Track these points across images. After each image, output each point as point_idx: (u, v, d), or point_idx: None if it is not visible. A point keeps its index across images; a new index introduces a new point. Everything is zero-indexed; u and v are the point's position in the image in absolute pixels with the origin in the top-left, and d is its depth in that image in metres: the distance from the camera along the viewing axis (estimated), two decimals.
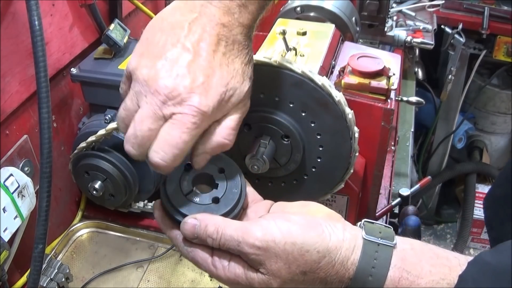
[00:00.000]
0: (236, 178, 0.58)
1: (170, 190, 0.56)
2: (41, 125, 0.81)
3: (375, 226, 0.55)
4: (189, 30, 0.55)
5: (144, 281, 1.07)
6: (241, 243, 0.52)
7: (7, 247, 0.85)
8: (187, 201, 0.56)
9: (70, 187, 1.17)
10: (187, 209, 0.55)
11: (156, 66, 0.53)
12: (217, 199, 0.56)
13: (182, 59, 0.54)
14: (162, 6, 1.49)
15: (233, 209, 0.56)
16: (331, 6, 1.06)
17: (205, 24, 0.55)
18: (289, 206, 0.60)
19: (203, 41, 0.54)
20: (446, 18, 1.98)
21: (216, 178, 0.58)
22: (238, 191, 0.57)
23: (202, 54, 0.54)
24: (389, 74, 0.84)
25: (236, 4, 0.57)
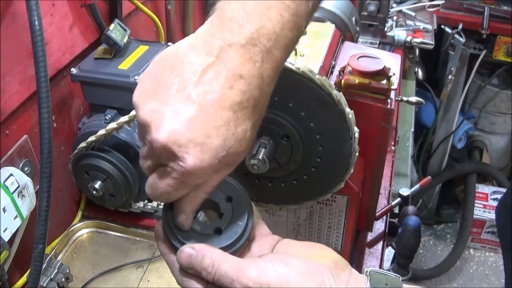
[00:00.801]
0: (243, 209, 0.54)
1: (171, 215, 0.53)
2: (41, 125, 0.81)
3: (382, 276, 0.52)
4: (201, 77, 0.48)
5: (144, 281, 1.07)
6: (234, 281, 0.48)
7: (7, 247, 0.85)
8: (188, 230, 0.53)
9: (70, 187, 1.17)
10: (186, 237, 0.52)
11: (157, 109, 0.48)
12: (220, 230, 0.53)
13: (184, 110, 0.47)
14: (162, 6, 1.49)
15: (234, 243, 0.53)
16: (331, 6, 1.06)
17: (220, 73, 0.48)
18: (294, 246, 0.55)
19: (212, 93, 0.47)
20: (446, 18, 1.98)
21: (222, 206, 0.55)
22: (243, 224, 0.53)
23: (208, 109, 0.47)
24: (389, 74, 0.84)
25: (260, 50, 0.49)
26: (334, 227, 0.96)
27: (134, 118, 0.93)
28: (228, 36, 0.48)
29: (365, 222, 1.04)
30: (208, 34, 0.50)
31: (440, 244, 2.55)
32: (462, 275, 2.33)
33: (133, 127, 1.05)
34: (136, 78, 1.02)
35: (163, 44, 1.15)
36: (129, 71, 1.04)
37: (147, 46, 1.13)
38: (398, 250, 1.09)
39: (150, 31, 1.44)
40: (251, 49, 0.49)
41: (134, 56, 1.09)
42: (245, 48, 0.48)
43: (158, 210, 1.13)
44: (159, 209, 1.11)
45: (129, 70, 1.04)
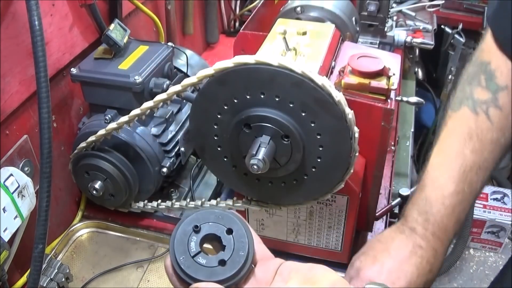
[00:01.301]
0: (243, 239, 0.58)
1: (178, 251, 0.57)
2: (41, 125, 0.81)
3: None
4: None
5: (144, 281, 1.07)
6: None
7: (7, 247, 0.85)
8: (194, 262, 0.56)
9: (70, 187, 1.17)
10: (193, 271, 0.56)
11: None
12: (224, 261, 0.57)
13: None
14: (162, 6, 1.49)
15: (238, 272, 0.56)
16: (331, 6, 1.06)
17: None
18: (296, 269, 0.58)
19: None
20: (446, 18, 1.98)
21: (223, 239, 0.58)
22: (245, 253, 0.57)
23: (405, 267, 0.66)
24: (389, 74, 0.84)
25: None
26: (334, 227, 0.96)
27: (134, 118, 0.93)
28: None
29: (365, 222, 1.04)
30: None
31: None
32: (462, 275, 2.33)
33: (133, 127, 1.05)
34: (136, 78, 1.02)
35: (163, 44, 1.15)
36: (129, 71, 1.04)
37: (147, 46, 1.13)
38: None
39: (150, 31, 1.44)
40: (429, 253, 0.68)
41: (134, 56, 1.09)
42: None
43: (158, 210, 1.13)
44: (159, 209, 1.11)
45: (129, 70, 1.04)
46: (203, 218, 0.59)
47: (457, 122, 0.72)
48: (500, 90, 0.70)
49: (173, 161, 1.12)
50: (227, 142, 0.81)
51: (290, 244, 1.02)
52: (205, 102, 0.79)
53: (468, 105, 0.71)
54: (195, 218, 0.59)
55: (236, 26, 2.02)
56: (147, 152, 1.07)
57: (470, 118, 0.70)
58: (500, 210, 2.32)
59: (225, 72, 0.75)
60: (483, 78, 0.71)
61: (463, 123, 0.71)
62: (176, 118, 1.16)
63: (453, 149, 0.70)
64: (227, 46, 1.90)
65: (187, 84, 0.81)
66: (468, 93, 0.72)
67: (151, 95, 1.04)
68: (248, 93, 0.75)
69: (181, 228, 0.58)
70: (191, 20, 1.68)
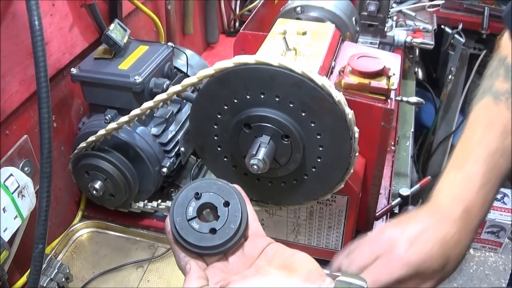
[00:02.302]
0: (237, 214, 0.62)
1: (176, 212, 0.62)
2: (41, 125, 0.81)
3: (347, 284, 0.58)
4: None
5: (144, 281, 1.07)
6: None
7: (7, 247, 0.85)
8: (188, 226, 0.61)
9: (70, 187, 1.17)
10: (185, 233, 0.60)
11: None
12: (215, 230, 0.61)
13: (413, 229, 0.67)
14: (162, 6, 1.49)
15: (226, 243, 0.60)
16: (331, 6, 1.06)
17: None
18: (279, 252, 0.62)
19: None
20: (446, 18, 1.98)
21: (219, 210, 0.62)
22: (235, 227, 0.61)
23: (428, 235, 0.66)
24: (389, 74, 0.84)
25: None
26: (334, 227, 0.96)
27: (134, 118, 0.93)
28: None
29: (365, 222, 1.04)
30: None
31: None
32: (462, 275, 2.33)
33: (133, 127, 1.05)
34: (136, 78, 1.02)
35: (163, 44, 1.15)
36: (129, 71, 1.04)
37: (147, 46, 1.13)
38: None
39: (150, 31, 1.44)
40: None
41: (134, 56, 1.09)
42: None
43: (158, 210, 1.13)
44: (159, 209, 1.11)
45: (129, 70, 1.04)
46: (206, 187, 0.63)
47: (479, 112, 0.73)
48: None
49: (173, 161, 1.12)
50: (227, 142, 0.81)
51: (290, 244, 1.02)
52: (205, 102, 0.79)
53: (489, 96, 0.73)
54: (198, 186, 0.63)
55: (236, 26, 2.02)
56: (147, 152, 1.07)
57: (491, 107, 0.72)
58: (500, 210, 2.32)
59: (225, 72, 0.75)
60: (502, 70, 0.75)
61: (484, 113, 0.73)
62: (176, 118, 1.16)
63: (476, 136, 0.71)
64: (227, 46, 1.90)
65: (187, 84, 0.81)
66: (489, 85, 0.74)
67: (151, 95, 1.04)
68: (248, 93, 0.75)
69: (184, 192, 0.63)
70: (191, 20, 1.68)
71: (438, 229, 0.66)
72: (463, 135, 0.73)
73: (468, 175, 0.69)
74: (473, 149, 0.70)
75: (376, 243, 0.66)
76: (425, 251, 0.64)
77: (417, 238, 0.65)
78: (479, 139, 0.70)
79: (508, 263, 2.36)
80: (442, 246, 0.65)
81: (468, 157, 0.70)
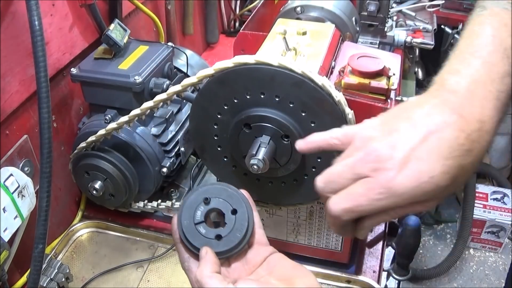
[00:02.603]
0: (244, 223, 0.63)
1: (184, 215, 0.63)
2: (41, 125, 0.81)
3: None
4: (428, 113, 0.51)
5: (144, 281, 1.07)
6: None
7: (7, 247, 0.85)
8: (194, 229, 0.62)
9: (70, 187, 1.17)
10: (191, 236, 0.61)
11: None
12: (220, 237, 0.62)
13: (409, 138, 0.50)
14: (162, 6, 1.49)
15: (230, 250, 0.61)
16: (331, 6, 1.06)
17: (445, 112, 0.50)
18: (281, 264, 0.61)
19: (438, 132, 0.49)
20: (446, 18, 1.98)
21: (226, 217, 0.63)
22: (241, 235, 0.62)
23: (430, 144, 0.49)
24: (389, 74, 0.83)
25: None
26: None
27: (134, 118, 0.93)
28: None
29: None
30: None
31: (440, 244, 2.55)
32: (462, 275, 2.33)
33: (133, 127, 1.05)
34: (136, 78, 1.02)
35: (163, 44, 1.15)
36: (129, 71, 1.04)
37: (147, 46, 1.13)
38: (398, 250, 1.09)
39: (150, 31, 1.44)
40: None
41: (134, 56, 1.09)
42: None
43: (158, 210, 1.13)
44: (159, 209, 1.11)
45: (129, 70, 1.04)
46: (216, 193, 0.64)
47: (484, 18, 0.57)
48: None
49: (173, 161, 1.12)
50: (227, 142, 0.81)
51: (290, 244, 1.02)
52: (205, 102, 0.79)
53: (495, 5, 0.58)
54: (208, 191, 0.64)
55: (236, 26, 2.02)
56: (147, 152, 1.07)
57: (501, 12, 0.57)
58: (500, 210, 2.32)
59: (225, 72, 0.75)
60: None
61: (493, 17, 0.57)
62: (176, 118, 1.16)
63: (486, 33, 0.55)
64: (227, 46, 1.90)
65: (187, 84, 0.81)
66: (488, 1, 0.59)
67: (151, 95, 1.04)
68: (248, 93, 0.75)
69: (194, 195, 0.64)
70: (191, 20, 1.68)
71: (448, 129, 0.50)
72: (466, 33, 0.57)
73: (489, 63, 0.53)
74: (485, 43, 0.55)
75: (359, 160, 0.52)
76: (423, 173, 0.49)
77: (414, 151, 0.49)
78: (492, 35, 0.55)
79: (508, 263, 2.36)
80: (453, 152, 0.49)
81: (483, 48, 0.54)
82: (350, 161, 0.53)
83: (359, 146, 0.53)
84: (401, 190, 0.49)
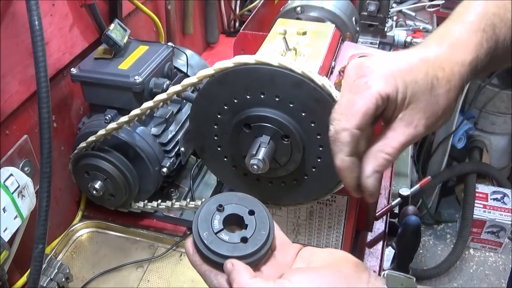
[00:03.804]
0: (265, 220, 0.61)
1: (201, 227, 0.59)
2: (41, 125, 0.81)
3: (397, 278, 0.55)
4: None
5: (144, 281, 1.07)
6: None
7: (7, 247, 0.85)
8: (217, 238, 0.58)
9: (70, 187, 1.17)
10: (216, 246, 0.57)
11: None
12: (246, 239, 0.59)
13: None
14: (162, 6, 1.49)
15: (260, 249, 0.58)
16: (331, 6, 1.06)
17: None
18: (317, 253, 0.60)
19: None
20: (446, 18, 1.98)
21: (246, 219, 0.61)
22: (266, 233, 0.60)
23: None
24: None
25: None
26: (334, 227, 0.96)
27: (134, 118, 0.93)
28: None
29: (365, 222, 1.04)
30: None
31: (440, 244, 2.55)
32: (462, 275, 2.33)
33: (133, 127, 1.05)
34: (136, 78, 1.02)
35: (163, 44, 1.15)
36: (129, 71, 1.04)
37: (147, 46, 1.13)
38: (398, 250, 1.09)
39: (150, 31, 1.44)
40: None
41: (134, 56, 1.09)
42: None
43: (158, 210, 1.13)
44: (159, 209, 1.11)
45: (129, 70, 1.04)
46: (227, 200, 0.62)
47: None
48: None
49: (173, 161, 1.12)
50: (227, 142, 0.81)
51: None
52: (205, 102, 0.79)
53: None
54: (219, 199, 0.62)
55: (236, 26, 2.02)
56: (147, 152, 1.07)
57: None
58: (500, 210, 2.32)
59: (225, 72, 0.75)
60: None
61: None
62: (176, 118, 1.16)
63: (473, 2, 0.63)
64: (227, 46, 1.90)
65: (187, 84, 0.81)
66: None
67: (151, 95, 1.04)
68: (248, 93, 0.75)
69: (205, 207, 0.61)
70: (191, 20, 1.68)
71: (425, 65, 0.57)
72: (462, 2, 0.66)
73: (466, 20, 0.62)
74: (469, 10, 0.64)
75: (353, 82, 0.58)
76: (405, 62, 0.56)
77: (399, 56, 0.57)
78: (478, 3, 0.63)
79: (508, 263, 2.36)
80: (428, 66, 0.57)
81: (469, 11, 0.63)
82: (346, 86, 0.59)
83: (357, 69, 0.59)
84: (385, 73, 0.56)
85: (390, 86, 0.55)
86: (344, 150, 0.56)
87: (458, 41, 0.61)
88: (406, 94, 0.56)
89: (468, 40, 0.61)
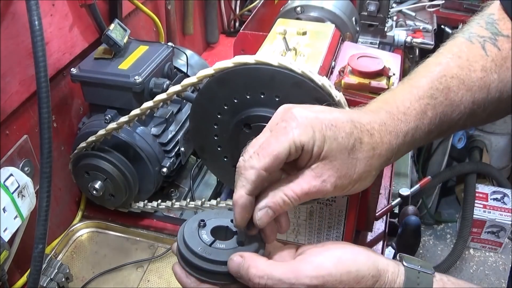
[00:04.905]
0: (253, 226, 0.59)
1: (193, 244, 0.57)
2: (41, 125, 0.81)
3: (412, 257, 0.57)
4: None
5: (144, 281, 1.07)
6: (294, 284, 0.51)
7: (7, 247, 0.85)
8: (213, 249, 0.57)
9: (70, 187, 1.17)
10: (216, 256, 0.56)
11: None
12: (242, 242, 0.58)
13: None
14: (162, 6, 1.49)
15: (259, 248, 0.58)
16: (331, 6, 1.06)
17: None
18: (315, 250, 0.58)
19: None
20: (446, 18, 1.98)
21: (231, 227, 0.60)
22: (258, 235, 0.59)
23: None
24: (389, 74, 0.83)
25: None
26: (334, 227, 0.96)
27: (134, 118, 0.93)
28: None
29: (365, 222, 1.03)
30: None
31: (440, 244, 2.55)
32: (462, 275, 2.33)
33: (133, 127, 1.05)
34: (136, 78, 1.02)
35: (163, 44, 1.15)
36: (129, 71, 1.04)
37: (147, 46, 1.13)
38: (398, 250, 1.09)
39: (150, 31, 1.44)
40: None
41: (134, 56, 1.09)
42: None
43: (158, 210, 1.13)
44: (159, 209, 1.11)
45: (129, 70, 1.04)
46: (205, 216, 0.61)
47: (447, 45, 0.66)
48: (500, 35, 0.64)
49: (173, 161, 1.12)
50: (227, 142, 0.81)
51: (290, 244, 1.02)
52: (205, 102, 0.79)
53: (463, 36, 0.65)
54: (197, 217, 0.60)
55: (236, 26, 2.02)
56: (147, 152, 1.07)
57: (464, 43, 0.64)
58: (500, 210, 2.32)
59: (225, 72, 0.75)
60: (483, 22, 0.67)
61: (454, 45, 0.65)
62: (176, 118, 1.16)
63: (438, 60, 0.64)
64: (227, 46, 1.90)
65: (187, 84, 0.81)
66: (466, 29, 0.66)
67: (151, 95, 1.04)
68: (248, 93, 0.75)
69: (186, 227, 0.59)
70: (191, 20, 1.68)
71: (369, 115, 0.58)
72: (425, 63, 0.67)
73: (412, 92, 0.62)
74: (429, 70, 0.64)
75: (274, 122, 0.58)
76: (332, 117, 0.56)
77: (331, 110, 0.57)
78: (440, 63, 0.64)
79: (508, 263, 2.36)
80: (355, 127, 0.56)
81: (421, 77, 0.63)
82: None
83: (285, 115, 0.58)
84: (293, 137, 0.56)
85: (306, 137, 0.54)
86: (246, 187, 0.55)
87: (399, 109, 0.60)
88: (322, 148, 0.55)
89: (410, 108, 0.60)
